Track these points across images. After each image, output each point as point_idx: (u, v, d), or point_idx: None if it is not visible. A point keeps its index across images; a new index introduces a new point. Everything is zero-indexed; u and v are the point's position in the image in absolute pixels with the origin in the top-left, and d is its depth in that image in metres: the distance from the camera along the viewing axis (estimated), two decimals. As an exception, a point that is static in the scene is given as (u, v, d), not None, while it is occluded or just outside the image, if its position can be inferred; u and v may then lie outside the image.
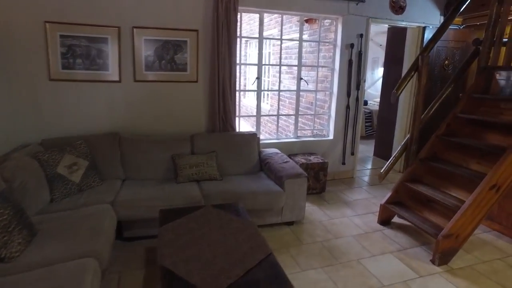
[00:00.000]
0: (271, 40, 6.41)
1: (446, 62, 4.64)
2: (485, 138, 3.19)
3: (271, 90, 6.62)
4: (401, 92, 3.26)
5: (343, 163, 4.56)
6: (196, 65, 3.59)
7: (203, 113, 3.75)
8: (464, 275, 2.64)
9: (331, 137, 4.45)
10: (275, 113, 5.29)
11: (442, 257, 2.74)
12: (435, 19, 4.57)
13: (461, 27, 4.62)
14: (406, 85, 3.26)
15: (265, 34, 6.00)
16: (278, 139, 4.31)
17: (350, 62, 4.20)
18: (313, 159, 4.03)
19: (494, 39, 3.34)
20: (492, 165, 2.93)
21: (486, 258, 2.88)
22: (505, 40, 3.33)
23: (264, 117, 6.43)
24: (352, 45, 4.16)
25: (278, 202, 3.04)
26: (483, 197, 2.70)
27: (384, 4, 4.22)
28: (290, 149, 4.22)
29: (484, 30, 4.24)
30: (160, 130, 3.61)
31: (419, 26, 4.51)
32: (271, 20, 6.19)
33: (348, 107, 4.35)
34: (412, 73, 3.24)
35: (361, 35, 4.17)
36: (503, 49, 3.37)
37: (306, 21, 5.16)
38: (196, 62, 3.58)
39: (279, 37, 4.40)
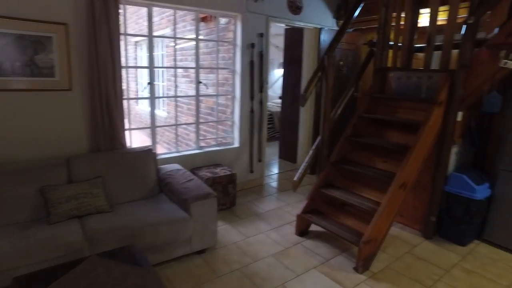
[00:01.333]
0: (165, 41, 5.77)
1: (341, 63, 4.77)
2: (387, 136, 3.27)
3: (166, 97, 5.97)
4: (310, 94, 3.09)
5: (251, 171, 4.28)
6: (68, 69, 2.79)
7: (83, 129, 2.96)
8: (385, 278, 2.58)
9: (236, 144, 4.11)
10: (173, 121, 4.71)
11: (365, 264, 2.64)
12: (329, 21, 4.65)
13: (351, 30, 4.82)
14: (314, 86, 3.12)
15: (157, 34, 5.36)
16: (178, 152, 3.76)
17: (251, 63, 3.92)
18: (220, 171, 3.62)
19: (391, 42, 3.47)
20: (396, 163, 2.98)
21: (398, 253, 2.91)
22: (396, 43, 3.47)
23: (162, 126, 5.75)
24: (253, 45, 3.89)
25: (185, 232, 2.53)
26: (394, 197, 2.69)
27: (282, 4, 4.08)
28: (193, 163, 3.73)
29: (372, 33, 4.44)
30: (23, 155, 2.70)
31: (315, 27, 4.52)
32: (163, 18, 5.55)
33: (252, 111, 4.08)
34: (319, 74, 3.11)
35: (261, 35, 3.94)
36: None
37: (203, 19, 4.72)
38: (68, 65, 2.78)
39: (172, 36, 3.85)
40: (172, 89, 5.17)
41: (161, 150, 3.83)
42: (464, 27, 2.78)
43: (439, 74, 3.06)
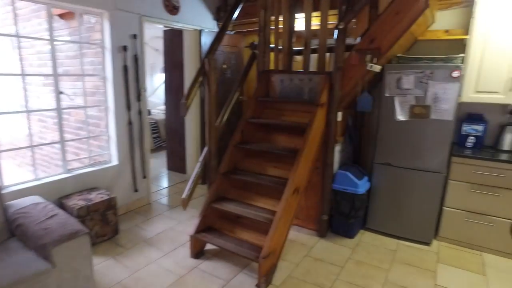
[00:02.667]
0: (15, 43, 4.66)
1: (224, 66, 4.63)
2: (276, 140, 3.23)
3: (12, 112, 4.86)
4: (191, 101, 2.81)
5: (136, 190, 3.77)
6: None
7: None
8: (287, 290, 2.50)
9: (115, 162, 3.55)
10: (35, 139, 3.80)
11: (266, 279, 2.50)
12: (209, 23, 4.45)
13: (233, 33, 4.72)
14: (195, 93, 2.85)
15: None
16: (39, 179, 3.02)
17: (125, 68, 3.43)
18: (96, 196, 3.05)
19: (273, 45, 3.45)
20: (287, 167, 2.95)
21: (297, 259, 2.88)
22: (277, 46, 3.47)
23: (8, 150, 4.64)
24: (125, 48, 3.40)
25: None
26: (289, 204, 2.64)
27: (157, 2, 3.69)
28: (61, 190, 3.06)
29: (254, 36, 4.41)
30: None
31: (195, 29, 4.26)
32: (8, 12, 4.47)
33: (130, 122, 3.58)
34: (200, 79, 2.85)
35: (135, 36, 3.48)
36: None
37: (62, 16, 3.96)
38: None
39: (15, 35, 3.07)
40: (31, 100, 4.20)
41: (15, 180, 3.00)
42: (336, 32, 2.91)
43: (319, 76, 3.16)
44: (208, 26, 4.44)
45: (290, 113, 3.28)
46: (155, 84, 7.91)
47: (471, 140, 3.20)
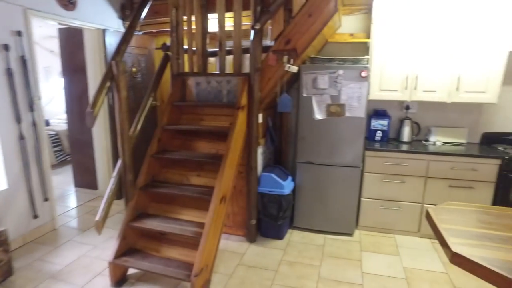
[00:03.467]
0: None
1: (134, 69, 4.26)
2: (197, 147, 3.06)
3: None
4: (99, 109, 2.47)
5: (36, 217, 3.21)
6: None
7: None
8: (222, 305, 2.36)
9: (4, 186, 2.95)
10: None
11: (199, 298, 2.32)
12: (114, 22, 4.03)
13: (141, 33, 4.37)
14: (103, 100, 2.51)
15: None
16: None
17: (9, 72, 2.87)
18: (-20, 231, 2.48)
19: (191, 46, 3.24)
20: (211, 175, 2.82)
21: (230, 269, 2.77)
22: (190, 48, 3.29)
23: None
24: (7, 47, 2.84)
25: None
26: (218, 214, 2.50)
27: (46, -6, 3.18)
28: None
29: (164, 37, 4.13)
30: None
31: (98, 28, 3.81)
32: None
33: (22, 137, 3.02)
34: (107, 84, 2.53)
35: (20, 33, 2.93)
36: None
37: None
38: None
39: None
40: None
41: None
42: (252, 32, 2.87)
43: (237, 78, 3.08)
44: (113, 25, 4.02)
45: (209, 118, 3.14)
46: (53, 91, 6.95)
47: (379, 134, 3.48)
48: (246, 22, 3.25)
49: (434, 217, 1.62)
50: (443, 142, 3.43)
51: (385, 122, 3.46)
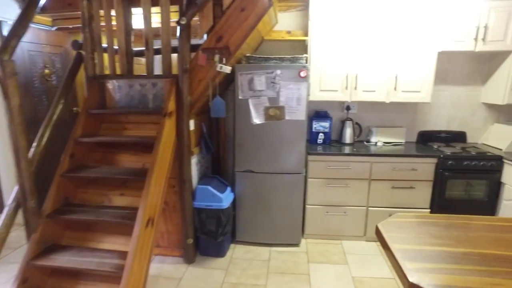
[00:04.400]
0: None
1: (47, 71, 3.65)
2: (120, 161, 2.64)
3: None
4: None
5: None
6: None
7: None
8: None
9: None
10: None
11: None
12: (13, 13, 3.39)
13: (54, 29, 3.76)
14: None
15: None
16: None
17: None
18: None
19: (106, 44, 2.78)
20: (136, 193, 2.43)
21: (162, 300, 2.40)
22: (111, 46, 2.84)
23: None
24: None
25: None
26: (143, 240, 2.12)
27: None
28: None
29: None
30: None
31: (-11, 21, 3.16)
32: None
33: None
34: (-7, 91, 2.01)
35: None
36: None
37: None
38: None
39: None
40: None
41: None
42: (178, 28, 2.53)
43: (163, 80, 2.71)
44: (12, 17, 3.38)
45: (134, 126, 2.73)
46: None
47: (321, 137, 3.34)
48: (176, 19, 2.89)
49: (385, 236, 1.44)
50: (384, 143, 3.39)
51: (326, 124, 3.32)
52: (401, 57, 3.01)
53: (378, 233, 1.53)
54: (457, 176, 2.98)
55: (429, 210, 3.08)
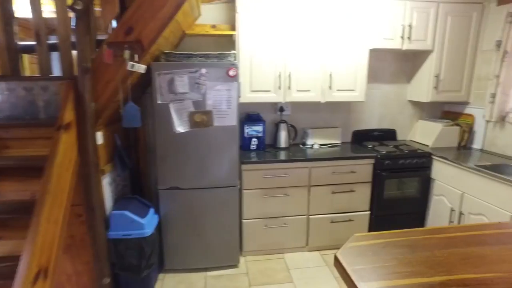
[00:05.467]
0: None
1: None
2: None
3: None
4: None
5: None
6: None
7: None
8: None
9: None
10: None
11: None
12: None
13: None
14: None
15: None
16: None
17: None
18: None
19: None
20: (21, 235, 1.83)
21: None
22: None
23: None
24: None
25: None
26: (31, 301, 1.55)
27: None
28: None
29: None
30: None
31: None
32: None
33: None
34: None
35: None
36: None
37: None
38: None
39: None
40: None
41: None
42: (74, 16, 1.98)
43: (57, 83, 2.13)
44: None
45: (18, 144, 2.10)
46: None
47: (254, 143, 3.03)
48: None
49: (349, 270, 1.17)
50: (320, 145, 3.22)
51: (260, 128, 3.03)
52: (335, 54, 2.86)
53: (338, 265, 1.25)
54: (393, 175, 2.94)
55: (369, 212, 3.00)
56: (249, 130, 3.01)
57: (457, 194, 2.66)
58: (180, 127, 2.45)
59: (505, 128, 2.86)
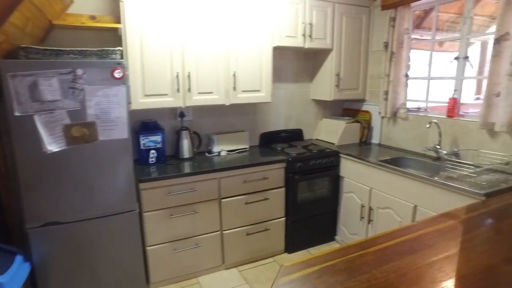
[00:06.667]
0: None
1: None
2: None
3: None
4: None
5: None
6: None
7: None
8: None
9: None
10: None
11: None
12: None
13: None
14: None
15: None
16: None
17: None
18: None
19: None
20: None
21: None
22: None
23: None
24: None
25: None
26: None
27: None
28: None
29: None
30: None
31: None
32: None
33: None
34: None
35: None
36: None
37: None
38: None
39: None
40: None
41: None
42: None
43: None
44: None
45: None
46: None
47: (153, 155, 2.60)
48: None
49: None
50: (228, 151, 2.96)
51: (158, 138, 2.61)
52: (238, 52, 2.63)
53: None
54: (305, 177, 2.86)
55: (284, 218, 2.87)
56: (146, 141, 2.57)
57: (366, 190, 2.71)
58: (53, 145, 1.89)
59: (397, 122, 3.05)
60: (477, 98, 3.29)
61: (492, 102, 2.26)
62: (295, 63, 3.30)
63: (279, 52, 3.14)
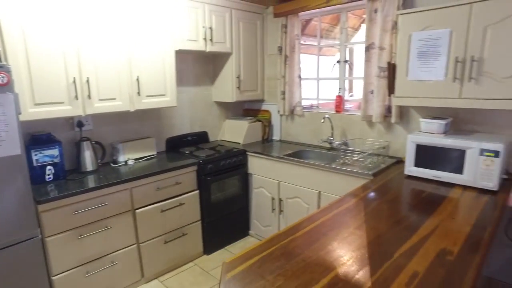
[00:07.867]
0: None
1: None
2: None
3: None
4: None
5: None
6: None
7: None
8: None
9: None
10: None
11: None
12: None
13: None
14: None
15: None
16: None
17: None
18: None
19: None
20: None
21: None
22: None
23: None
24: None
25: None
26: None
27: None
28: None
29: None
30: None
31: None
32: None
33: None
34: None
35: None
36: None
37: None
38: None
39: None
40: None
41: None
42: None
43: None
44: None
45: None
46: None
47: (50, 171, 2.30)
48: None
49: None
50: (135, 159, 2.82)
51: (55, 152, 2.32)
52: (140, 55, 2.52)
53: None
54: (216, 178, 2.93)
55: (200, 221, 2.88)
56: (40, 156, 2.25)
57: (274, 183, 2.94)
58: None
59: (294, 119, 3.38)
60: (351, 95, 3.92)
61: (368, 98, 2.73)
62: (196, 66, 3.33)
63: (179, 56, 3.13)
